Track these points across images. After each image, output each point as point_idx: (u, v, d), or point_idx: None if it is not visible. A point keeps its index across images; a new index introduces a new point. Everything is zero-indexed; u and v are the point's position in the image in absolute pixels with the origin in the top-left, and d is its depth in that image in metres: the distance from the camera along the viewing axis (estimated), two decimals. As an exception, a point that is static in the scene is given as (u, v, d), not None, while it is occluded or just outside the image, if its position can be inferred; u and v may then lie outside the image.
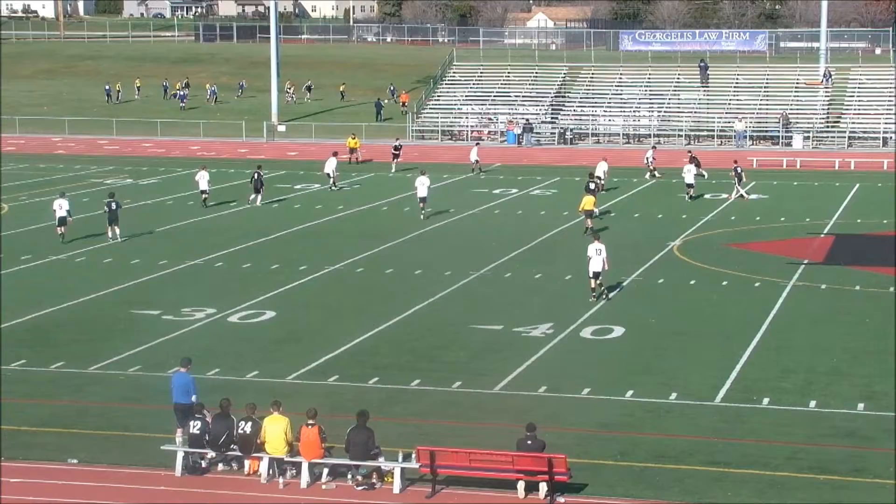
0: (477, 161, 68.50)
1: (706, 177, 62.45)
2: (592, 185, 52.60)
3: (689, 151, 66.87)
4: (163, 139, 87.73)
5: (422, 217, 52.36)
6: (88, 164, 72.43)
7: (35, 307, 36.12)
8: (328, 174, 61.77)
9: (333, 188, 61.40)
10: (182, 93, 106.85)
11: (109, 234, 47.05)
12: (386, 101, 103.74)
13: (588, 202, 48.69)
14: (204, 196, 55.81)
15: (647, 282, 40.15)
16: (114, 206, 46.93)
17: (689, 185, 58.43)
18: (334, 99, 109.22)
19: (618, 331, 33.64)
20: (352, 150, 73.33)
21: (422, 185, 52.60)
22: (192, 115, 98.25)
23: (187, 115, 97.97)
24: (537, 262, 42.66)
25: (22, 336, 33.07)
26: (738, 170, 58.71)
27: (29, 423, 25.80)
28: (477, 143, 73.96)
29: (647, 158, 66.27)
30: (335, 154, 63.34)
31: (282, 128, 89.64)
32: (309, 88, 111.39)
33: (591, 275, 36.88)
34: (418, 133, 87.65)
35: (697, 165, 62.22)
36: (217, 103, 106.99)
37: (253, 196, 56.45)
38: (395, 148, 70.53)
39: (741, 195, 58.26)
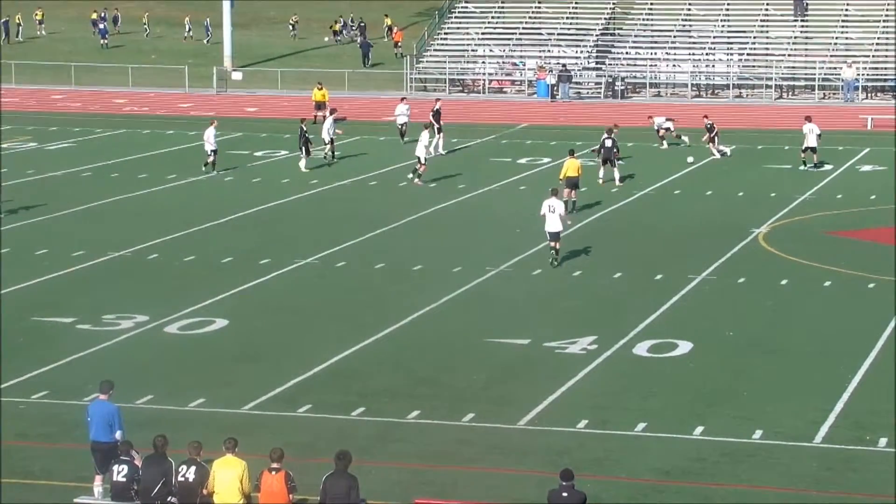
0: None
1: (687, 143, 64.02)
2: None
3: (706, 116, 66.64)
4: (78, 89, 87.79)
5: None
6: (-21, 123, 72.55)
7: None
8: (325, 139, 60.61)
9: (330, 158, 60.40)
10: (102, 26, 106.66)
11: None
12: (375, 40, 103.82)
13: (572, 167, 49.02)
14: (210, 155, 57.43)
15: (724, 282, 40.18)
16: None
17: (811, 150, 58.71)
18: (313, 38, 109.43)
19: (684, 346, 33.67)
20: (318, 105, 72.08)
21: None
22: (118, 56, 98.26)
23: (111, 58, 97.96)
24: (575, 255, 42.65)
25: None
26: (710, 125, 61.95)
27: None
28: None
29: (657, 125, 65.81)
30: (332, 112, 62.87)
31: (237, 75, 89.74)
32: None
33: (548, 237, 40.04)
34: (419, 83, 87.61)
35: (710, 132, 63.01)
36: (207, 43, 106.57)
37: (302, 159, 58.45)
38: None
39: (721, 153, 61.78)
